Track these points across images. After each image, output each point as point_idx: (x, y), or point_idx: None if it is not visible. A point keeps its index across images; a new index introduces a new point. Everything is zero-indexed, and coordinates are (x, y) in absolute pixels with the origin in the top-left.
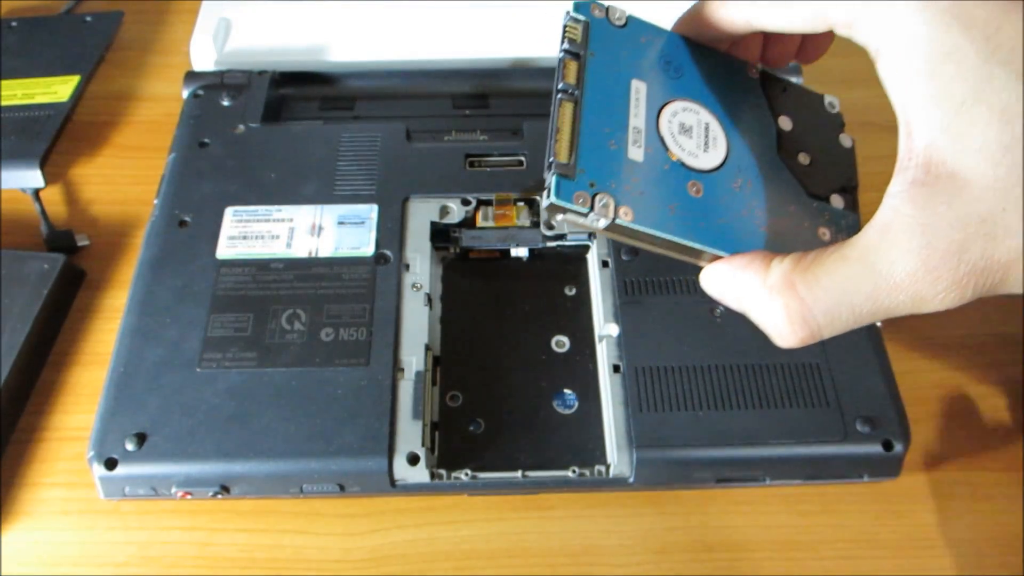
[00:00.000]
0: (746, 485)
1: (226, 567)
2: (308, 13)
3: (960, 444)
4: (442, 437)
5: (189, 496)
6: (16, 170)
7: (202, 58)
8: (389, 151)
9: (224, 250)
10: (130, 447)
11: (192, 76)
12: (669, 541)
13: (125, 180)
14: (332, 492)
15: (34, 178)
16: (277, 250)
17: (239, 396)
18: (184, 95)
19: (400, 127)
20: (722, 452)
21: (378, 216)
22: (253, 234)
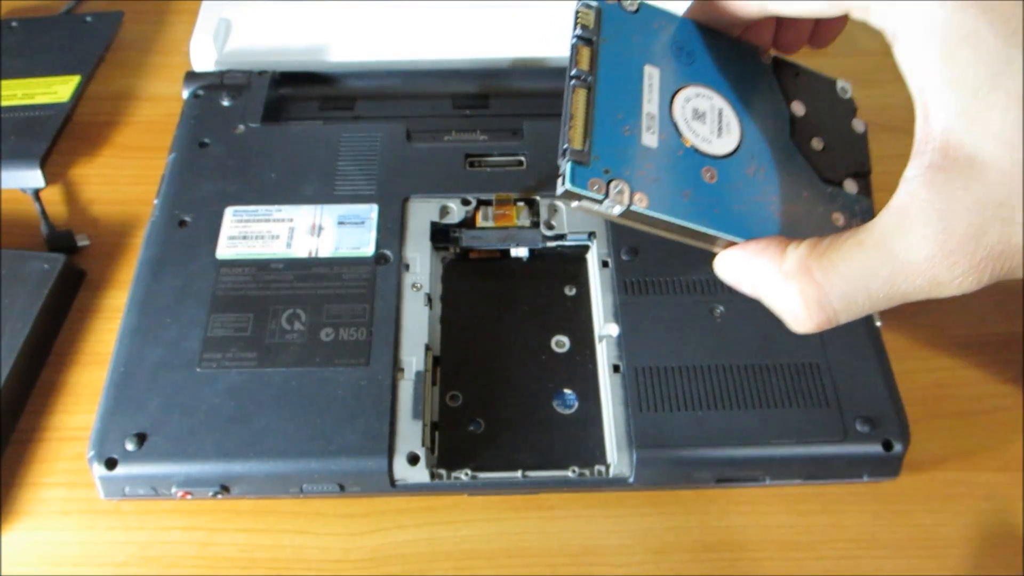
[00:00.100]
0: (746, 485)
1: (226, 567)
2: (308, 13)
3: (960, 444)
4: (442, 437)
5: (189, 496)
6: (16, 170)
7: (202, 58)
8: (389, 151)
9: (224, 250)
10: (130, 447)
11: (192, 76)
12: (669, 541)
13: (125, 180)
14: (332, 492)
15: (34, 178)
16: (277, 250)
17: (239, 396)
18: (184, 95)
19: (400, 127)
20: (722, 452)
21: (378, 216)
22: (253, 234)
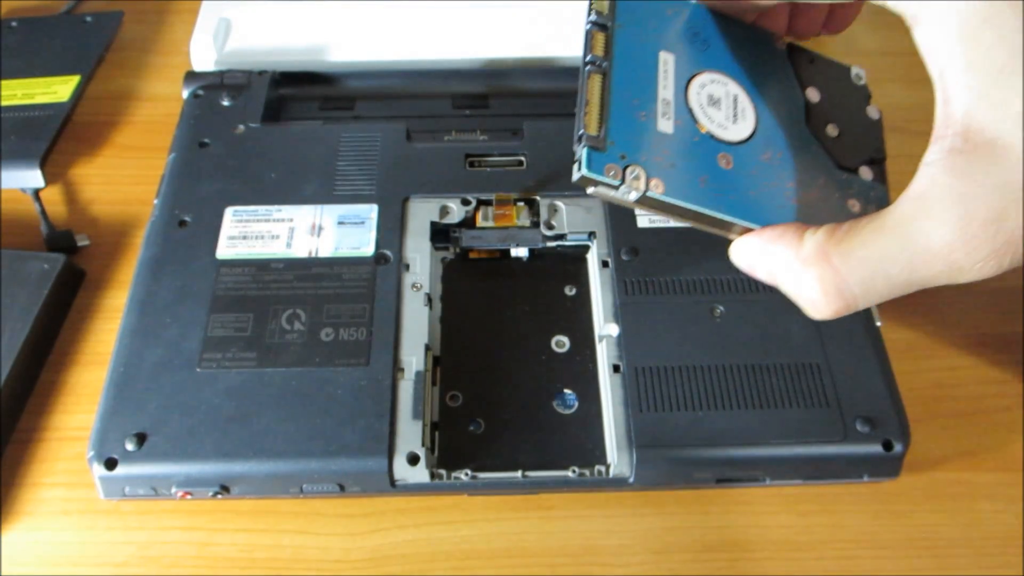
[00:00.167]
0: (746, 485)
1: (226, 567)
2: (308, 13)
3: (960, 444)
4: (442, 437)
5: (189, 496)
6: (16, 170)
7: (202, 58)
8: (389, 151)
9: (224, 250)
10: (130, 447)
11: (192, 76)
12: (669, 541)
13: (125, 180)
14: (332, 492)
15: (34, 178)
16: (277, 250)
17: (239, 396)
18: (184, 95)
19: (400, 127)
20: (722, 452)
21: (378, 216)
22: (253, 234)
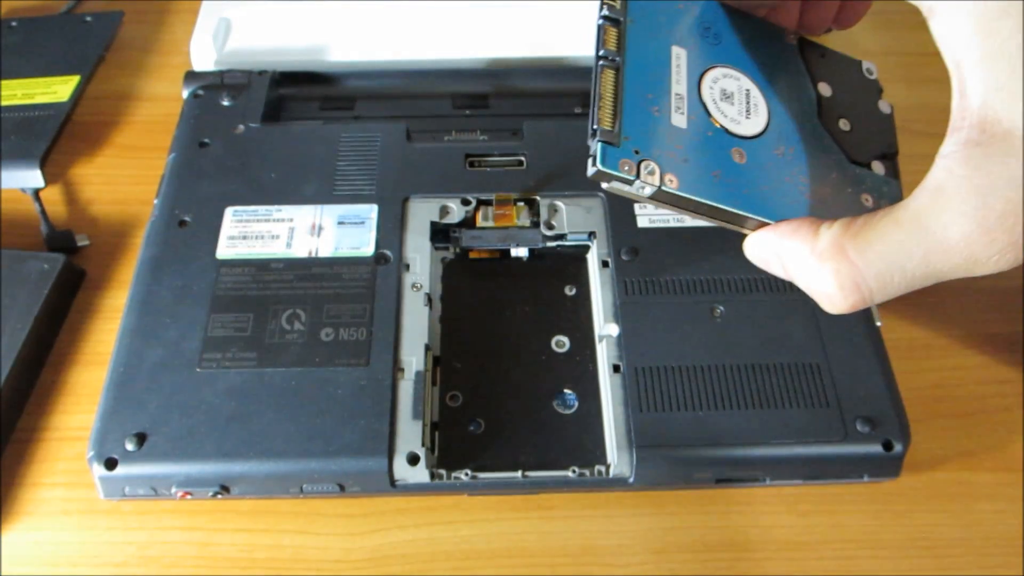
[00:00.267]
0: (746, 485)
1: (226, 567)
2: (308, 13)
3: (960, 444)
4: (442, 437)
5: (189, 496)
6: (16, 170)
7: (202, 58)
8: (389, 151)
9: (224, 250)
10: (130, 447)
11: (192, 76)
12: (669, 541)
13: (125, 180)
14: (332, 492)
15: (34, 178)
16: (277, 250)
17: (239, 396)
18: (184, 95)
19: (400, 127)
20: (722, 452)
21: (378, 216)
22: (253, 234)
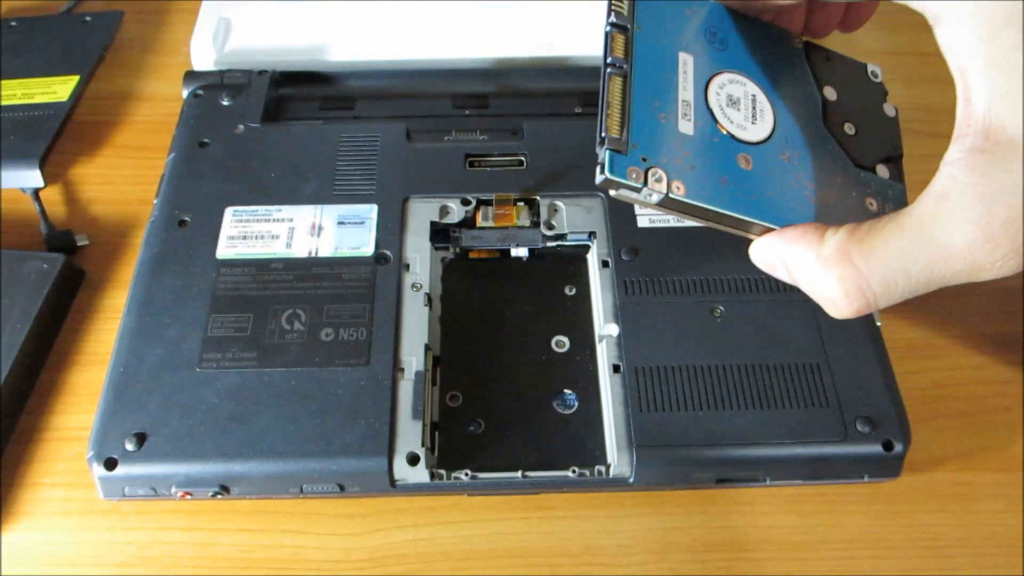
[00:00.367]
0: (746, 485)
1: (226, 567)
2: (308, 13)
3: (960, 444)
4: (442, 437)
5: (189, 496)
6: (16, 170)
7: (202, 58)
8: (389, 151)
9: (224, 250)
10: (130, 447)
11: (192, 76)
12: (669, 541)
13: (125, 180)
14: (332, 492)
15: (34, 178)
16: (277, 250)
17: (239, 396)
18: (184, 95)
19: (400, 127)
20: (722, 452)
21: (378, 216)
22: (253, 234)
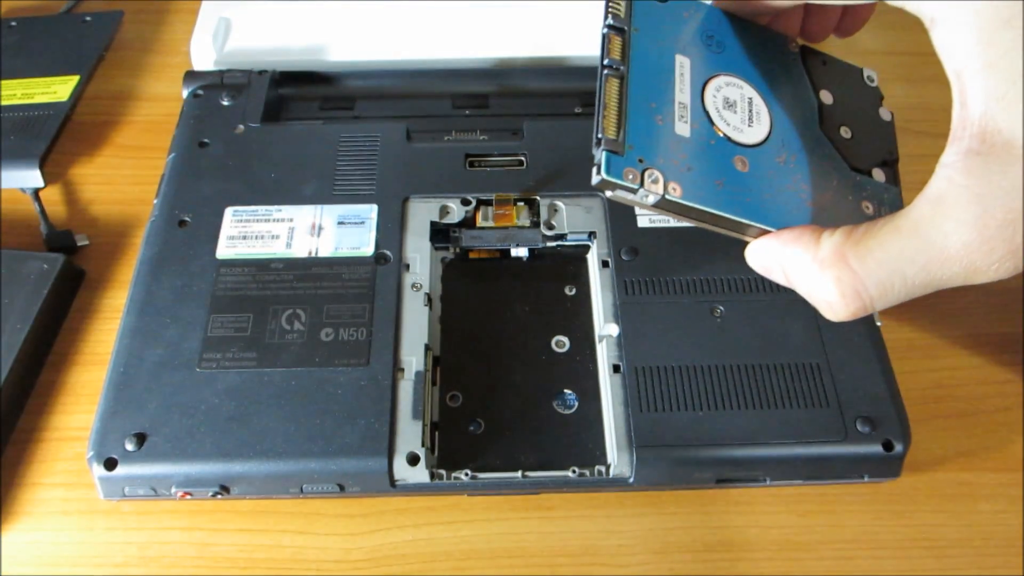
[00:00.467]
0: (746, 485)
1: (226, 567)
2: (308, 13)
3: (960, 444)
4: (442, 437)
5: (189, 496)
6: (16, 170)
7: (202, 58)
8: (389, 151)
9: (224, 250)
10: (130, 447)
11: (192, 76)
12: (669, 541)
13: (125, 180)
14: (332, 492)
15: (34, 178)
16: (277, 250)
17: (239, 396)
18: (184, 95)
19: (400, 127)
20: (722, 452)
21: (378, 216)
22: (253, 234)
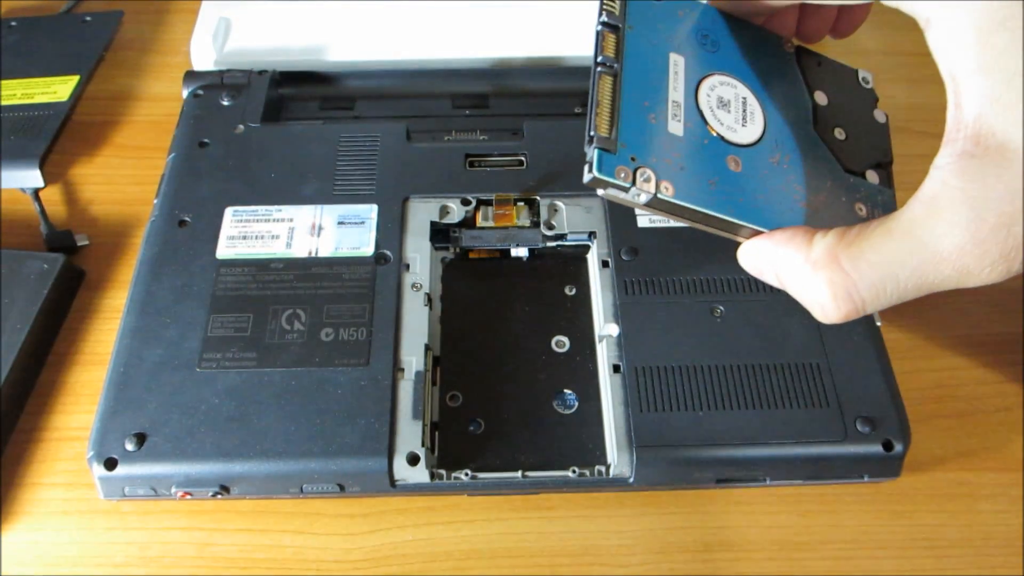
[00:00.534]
0: (746, 485)
1: (226, 567)
2: (308, 13)
3: (960, 444)
4: (442, 437)
5: (189, 496)
6: (16, 170)
7: (202, 58)
8: (389, 151)
9: (224, 250)
10: (130, 447)
11: (192, 76)
12: (669, 541)
13: (125, 180)
14: (332, 492)
15: (34, 178)
16: (277, 250)
17: (239, 396)
18: (184, 95)
19: (400, 127)
20: (722, 452)
21: (378, 216)
22: (253, 234)
